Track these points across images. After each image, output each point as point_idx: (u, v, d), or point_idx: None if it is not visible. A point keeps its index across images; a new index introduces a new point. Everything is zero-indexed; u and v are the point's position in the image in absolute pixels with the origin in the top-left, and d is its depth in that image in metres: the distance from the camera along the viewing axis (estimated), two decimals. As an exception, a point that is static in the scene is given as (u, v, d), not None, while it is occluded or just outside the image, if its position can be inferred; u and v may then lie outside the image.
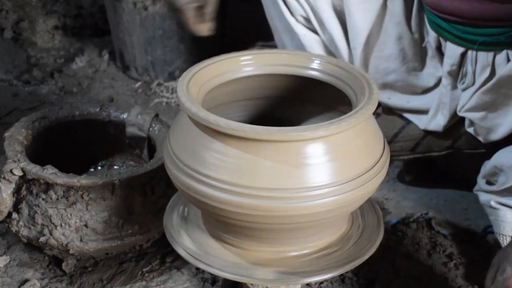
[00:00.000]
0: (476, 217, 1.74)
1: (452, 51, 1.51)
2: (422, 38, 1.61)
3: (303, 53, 1.33)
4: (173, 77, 2.38)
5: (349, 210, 1.19)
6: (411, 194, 1.85)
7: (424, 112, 1.65)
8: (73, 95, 2.32)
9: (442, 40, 1.54)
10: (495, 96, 1.45)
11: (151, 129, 1.67)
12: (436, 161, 1.88)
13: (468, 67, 1.50)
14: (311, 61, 1.30)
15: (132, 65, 2.40)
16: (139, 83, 2.40)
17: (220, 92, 1.30)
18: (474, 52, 1.48)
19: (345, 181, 1.11)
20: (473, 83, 1.51)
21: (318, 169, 1.09)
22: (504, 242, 1.55)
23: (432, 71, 1.61)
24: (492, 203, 1.56)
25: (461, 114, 1.55)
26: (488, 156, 1.57)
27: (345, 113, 1.13)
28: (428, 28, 1.57)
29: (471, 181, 1.65)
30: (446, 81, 1.55)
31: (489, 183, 1.58)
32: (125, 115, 1.70)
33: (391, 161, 1.22)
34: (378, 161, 1.17)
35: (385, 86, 1.66)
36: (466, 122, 1.58)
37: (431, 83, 1.62)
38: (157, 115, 1.70)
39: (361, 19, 1.59)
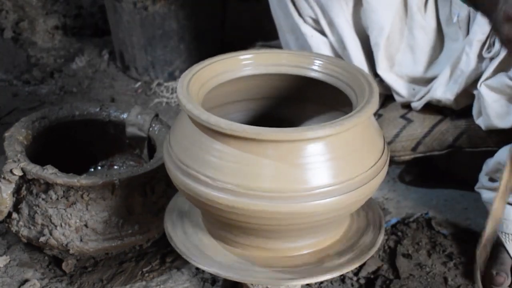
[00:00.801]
0: (476, 217, 1.74)
1: (484, 20, 1.49)
2: (440, 28, 1.59)
3: (303, 53, 1.33)
4: (173, 77, 2.37)
5: (350, 210, 1.19)
6: (411, 194, 1.85)
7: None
8: (73, 95, 2.32)
9: (472, 12, 1.52)
10: None
11: (151, 129, 1.67)
12: (436, 161, 1.88)
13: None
14: (312, 61, 1.30)
15: (132, 65, 2.40)
16: (139, 83, 2.40)
17: (221, 92, 1.30)
18: None
19: (345, 181, 1.11)
20: (499, 53, 1.49)
21: (319, 169, 1.09)
22: (507, 240, 1.55)
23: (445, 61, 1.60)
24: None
25: (479, 87, 1.53)
26: (490, 154, 1.57)
27: (345, 113, 1.13)
28: (459, 3, 1.54)
29: (471, 181, 1.65)
30: (469, 49, 1.53)
31: (492, 180, 1.58)
32: (125, 115, 1.70)
33: (391, 161, 1.22)
34: (378, 161, 1.17)
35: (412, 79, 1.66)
36: (475, 110, 1.57)
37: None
38: (157, 115, 1.70)
39: (384, 13, 1.58)
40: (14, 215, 1.51)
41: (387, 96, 1.75)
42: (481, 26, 1.50)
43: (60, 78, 2.41)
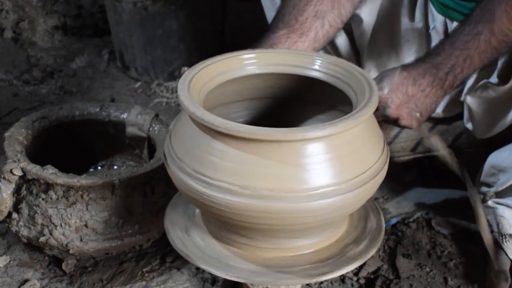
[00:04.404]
0: (476, 217, 1.74)
1: None
2: (427, 27, 1.60)
3: (304, 52, 1.33)
4: (173, 77, 2.38)
5: (350, 210, 1.19)
6: (411, 194, 1.85)
7: None
8: (73, 95, 2.32)
9: (448, 22, 1.53)
10: (501, 95, 1.46)
11: (151, 129, 1.67)
12: (436, 161, 1.88)
13: None
14: (313, 61, 1.30)
15: (132, 65, 2.40)
16: (139, 83, 2.40)
17: (221, 92, 1.30)
18: None
19: (345, 182, 1.11)
20: None
21: (319, 169, 1.09)
22: (504, 241, 1.55)
23: None
24: (490, 203, 1.57)
25: (463, 98, 1.54)
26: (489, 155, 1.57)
27: (346, 113, 1.13)
28: (434, 13, 1.56)
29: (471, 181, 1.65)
30: None
31: (487, 185, 1.58)
32: (125, 115, 1.70)
33: (391, 162, 1.22)
34: (378, 161, 1.17)
35: None
36: (465, 116, 1.58)
37: None
38: (157, 115, 1.70)
39: (367, 17, 1.59)
40: (14, 215, 1.51)
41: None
42: None
43: (60, 78, 2.41)
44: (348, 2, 1.52)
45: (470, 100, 1.54)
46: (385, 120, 1.34)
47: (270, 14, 1.71)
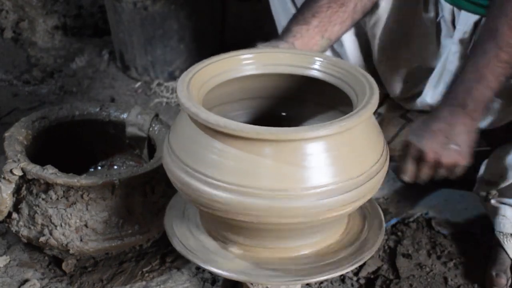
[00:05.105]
0: (476, 217, 1.74)
1: (466, 19, 1.50)
2: (437, 16, 1.61)
3: (304, 52, 1.33)
4: (173, 77, 2.38)
5: (350, 210, 1.19)
6: (411, 194, 1.85)
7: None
8: (73, 95, 2.32)
9: (456, 11, 1.53)
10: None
11: (151, 129, 1.67)
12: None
13: None
14: (312, 60, 1.30)
15: (132, 65, 2.40)
16: (139, 83, 2.40)
17: (221, 92, 1.30)
18: None
19: (345, 181, 1.11)
20: None
21: (318, 169, 1.09)
22: (505, 240, 1.55)
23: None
24: (492, 202, 1.56)
25: None
26: (488, 155, 1.57)
27: (346, 113, 1.13)
28: (442, 3, 1.55)
29: (471, 181, 1.65)
30: (455, 48, 1.54)
31: (489, 183, 1.58)
32: (125, 115, 1.70)
33: (391, 160, 1.22)
34: (378, 160, 1.17)
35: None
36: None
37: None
38: (157, 115, 1.70)
39: (384, 4, 1.59)
40: (14, 215, 1.51)
41: (386, 95, 1.75)
42: (463, 25, 1.51)
43: (60, 78, 2.41)
44: None
45: None
46: (435, 169, 1.33)
47: (276, 9, 1.71)
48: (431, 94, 1.61)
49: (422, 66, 1.65)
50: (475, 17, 1.49)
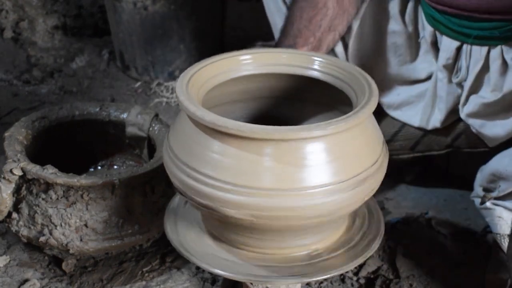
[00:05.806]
0: (476, 217, 1.74)
1: (448, 45, 1.52)
2: (417, 33, 1.61)
3: (303, 52, 1.33)
4: (173, 77, 2.38)
5: (349, 210, 1.19)
6: (411, 194, 1.85)
7: (413, 103, 1.65)
8: (73, 95, 2.33)
9: (438, 34, 1.55)
10: (498, 107, 1.47)
11: (151, 129, 1.67)
12: (436, 161, 1.88)
13: (463, 61, 1.51)
14: (312, 61, 1.30)
15: (132, 65, 2.40)
16: (139, 83, 2.40)
17: (220, 92, 1.30)
18: (469, 46, 1.49)
19: (345, 181, 1.11)
20: (467, 77, 1.52)
21: (318, 168, 1.09)
22: (502, 241, 1.56)
23: (426, 66, 1.62)
24: (488, 204, 1.57)
25: (462, 117, 1.57)
26: (488, 155, 1.57)
27: (345, 113, 1.13)
28: (424, 23, 1.57)
29: (471, 181, 1.65)
30: (441, 75, 1.56)
31: (486, 190, 1.58)
32: (125, 115, 1.70)
33: (391, 161, 1.22)
34: (377, 160, 1.17)
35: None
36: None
37: (422, 75, 1.63)
38: (157, 115, 1.70)
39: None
40: (14, 215, 1.51)
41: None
42: (445, 51, 1.52)
43: (60, 78, 2.41)
44: (352, 8, 1.54)
45: (468, 121, 1.56)
46: None
47: (273, 18, 1.71)
48: (419, 118, 1.64)
49: (397, 76, 1.65)
50: (457, 43, 1.50)
